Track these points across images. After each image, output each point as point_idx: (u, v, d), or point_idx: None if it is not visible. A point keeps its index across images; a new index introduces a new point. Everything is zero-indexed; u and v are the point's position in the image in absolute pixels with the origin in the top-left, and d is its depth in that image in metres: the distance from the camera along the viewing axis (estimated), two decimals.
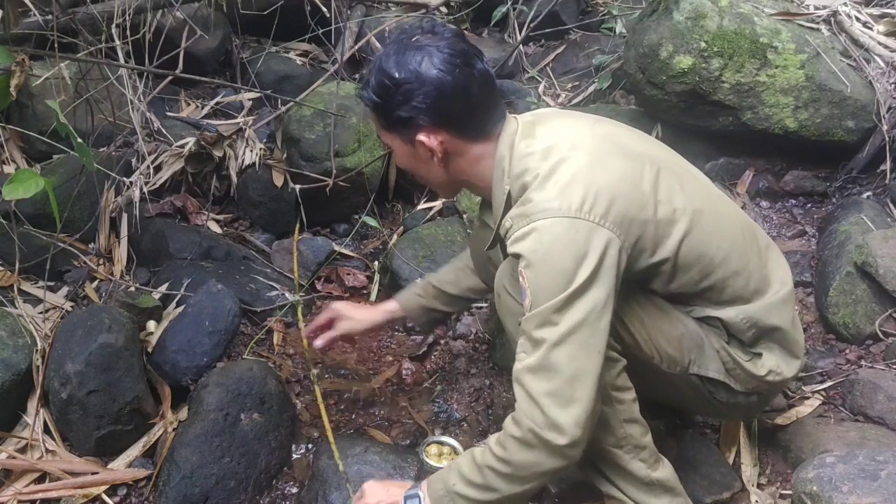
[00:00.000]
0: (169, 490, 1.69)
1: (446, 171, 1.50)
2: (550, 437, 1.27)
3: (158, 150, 2.59)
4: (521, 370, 1.32)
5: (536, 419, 1.28)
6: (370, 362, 2.23)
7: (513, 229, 1.34)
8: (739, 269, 1.45)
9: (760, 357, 1.51)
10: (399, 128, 1.45)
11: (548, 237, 1.29)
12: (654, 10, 2.70)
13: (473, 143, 1.45)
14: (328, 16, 3.08)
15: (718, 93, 2.53)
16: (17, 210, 2.00)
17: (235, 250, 2.51)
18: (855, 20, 2.72)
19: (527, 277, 1.30)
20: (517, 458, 1.31)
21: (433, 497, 1.39)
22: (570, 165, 1.34)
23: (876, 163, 2.57)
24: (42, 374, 1.83)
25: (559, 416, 1.26)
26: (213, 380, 1.87)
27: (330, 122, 2.59)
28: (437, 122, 1.41)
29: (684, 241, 1.39)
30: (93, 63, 2.35)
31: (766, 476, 1.74)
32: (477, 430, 1.95)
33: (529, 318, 1.30)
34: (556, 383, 1.27)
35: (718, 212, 1.48)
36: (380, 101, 1.44)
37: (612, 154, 1.39)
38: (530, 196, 1.34)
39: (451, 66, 1.37)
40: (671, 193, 1.40)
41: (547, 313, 1.28)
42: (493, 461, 1.33)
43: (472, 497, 1.36)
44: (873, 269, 2.05)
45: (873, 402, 1.82)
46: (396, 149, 1.52)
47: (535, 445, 1.29)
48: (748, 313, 1.47)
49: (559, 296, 1.27)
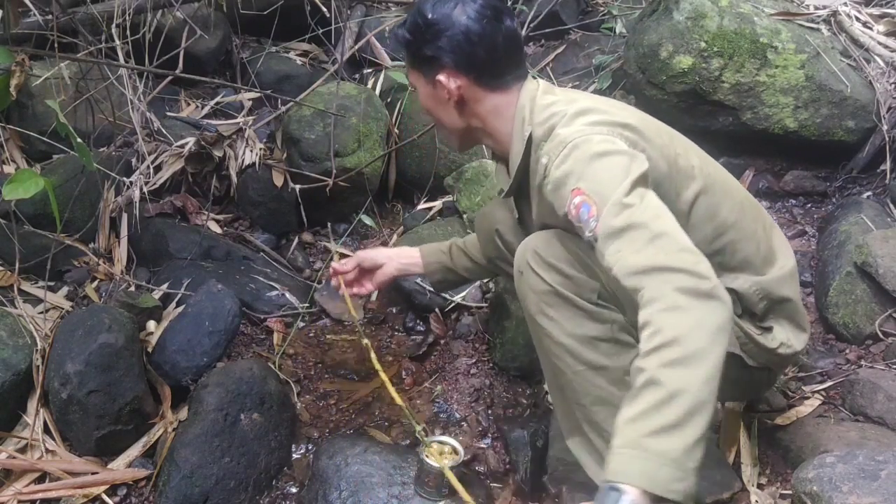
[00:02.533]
0: (169, 490, 1.69)
1: (461, 117, 1.54)
2: (702, 284, 1.09)
3: (158, 150, 2.59)
4: (631, 264, 1.16)
5: (670, 279, 1.11)
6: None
7: (552, 159, 1.35)
8: (749, 234, 1.50)
9: (771, 331, 1.54)
10: (423, 66, 1.52)
11: (591, 145, 1.31)
12: (654, 10, 2.70)
13: (492, 93, 1.49)
14: (328, 16, 3.08)
15: (718, 93, 2.53)
16: (17, 210, 2.00)
17: (235, 250, 2.51)
18: (855, 20, 2.72)
19: (585, 189, 1.26)
20: (674, 328, 1.06)
21: (647, 472, 1.02)
22: (597, 112, 1.40)
23: (876, 163, 2.57)
24: (42, 374, 1.84)
25: (687, 263, 1.12)
26: (213, 380, 1.87)
27: (330, 122, 2.59)
28: (459, 65, 1.46)
29: (699, 198, 1.44)
30: (93, 63, 2.35)
31: (766, 476, 1.74)
32: (477, 430, 1.95)
33: (606, 216, 1.21)
34: (669, 243, 1.16)
35: (727, 181, 1.55)
36: (410, 38, 1.51)
37: (632, 113, 1.48)
38: (559, 132, 1.37)
39: (480, 16, 1.44)
40: (687, 152, 1.48)
41: (618, 201, 1.21)
42: (653, 359, 1.06)
43: (663, 424, 1.03)
44: (873, 269, 2.05)
45: (873, 402, 1.82)
46: (420, 88, 1.58)
47: (683, 305, 1.08)
48: (760, 285, 1.50)
49: (623, 183, 1.23)
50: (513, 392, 2.08)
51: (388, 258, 1.93)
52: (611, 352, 1.39)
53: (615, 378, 1.39)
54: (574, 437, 1.51)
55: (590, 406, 1.41)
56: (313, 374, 2.16)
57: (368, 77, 3.06)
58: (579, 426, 1.47)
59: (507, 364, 2.10)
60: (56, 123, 1.70)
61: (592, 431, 1.44)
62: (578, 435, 1.49)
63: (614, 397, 1.38)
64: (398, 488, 1.65)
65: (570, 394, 1.44)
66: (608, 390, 1.39)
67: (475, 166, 2.64)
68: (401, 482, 1.67)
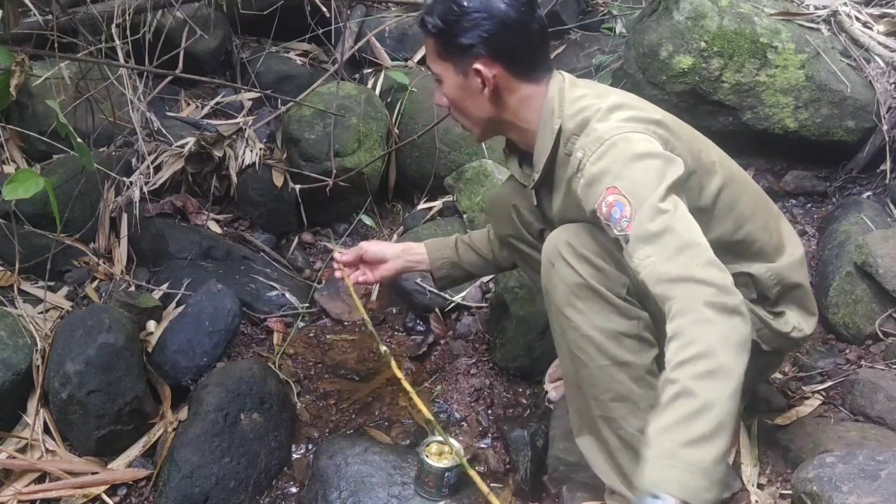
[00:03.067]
0: (169, 490, 1.69)
1: (493, 107, 1.51)
2: (729, 300, 1.15)
3: (158, 150, 2.59)
4: (660, 269, 1.19)
5: (700, 292, 1.15)
6: (370, 362, 2.23)
7: (587, 155, 1.35)
8: (763, 225, 1.54)
9: (783, 315, 1.57)
10: (456, 56, 1.47)
11: (631, 145, 1.32)
12: (654, 10, 2.70)
13: (524, 83, 1.48)
14: (328, 16, 3.07)
15: (718, 93, 2.53)
16: (17, 210, 2.00)
17: (235, 250, 2.51)
18: (855, 20, 2.72)
19: (621, 188, 1.27)
20: (704, 341, 1.10)
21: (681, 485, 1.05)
22: (629, 107, 1.42)
23: (876, 163, 2.57)
24: (42, 374, 1.84)
25: (716, 278, 1.17)
26: (213, 380, 1.87)
27: (330, 122, 2.59)
28: (495, 54, 1.44)
29: (722, 192, 1.47)
30: (93, 63, 2.35)
31: (766, 476, 1.74)
32: (477, 430, 1.95)
33: (640, 220, 1.24)
34: (698, 254, 1.20)
35: (742, 175, 1.60)
36: (443, 27, 1.45)
37: (658, 109, 1.51)
38: (595, 126, 1.38)
39: (517, 4, 1.43)
40: (709, 147, 1.52)
41: (654, 205, 1.23)
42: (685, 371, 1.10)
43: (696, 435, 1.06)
44: (873, 269, 2.05)
45: (873, 402, 1.82)
46: (447, 79, 1.52)
47: (712, 319, 1.12)
48: (775, 270, 1.53)
49: (659, 187, 1.25)
50: (513, 392, 2.08)
51: (395, 255, 1.89)
52: (635, 348, 1.39)
53: (637, 375, 1.39)
54: (584, 436, 1.50)
55: (609, 402, 1.41)
56: (313, 374, 2.15)
57: (368, 77, 3.05)
58: (593, 423, 1.46)
59: (507, 364, 2.10)
60: (56, 123, 1.70)
61: (607, 428, 1.43)
62: (589, 433, 1.49)
63: (634, 394, 1.39)
64: (398, 488, 1.66)
65: (588, 388, 1.43)
66: (629, 387, 1.39)
67: (475, 166, 2.64)
68: (401, 482, 1.67)
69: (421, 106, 2.82)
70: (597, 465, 1.50)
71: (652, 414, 1.13)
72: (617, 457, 1.45)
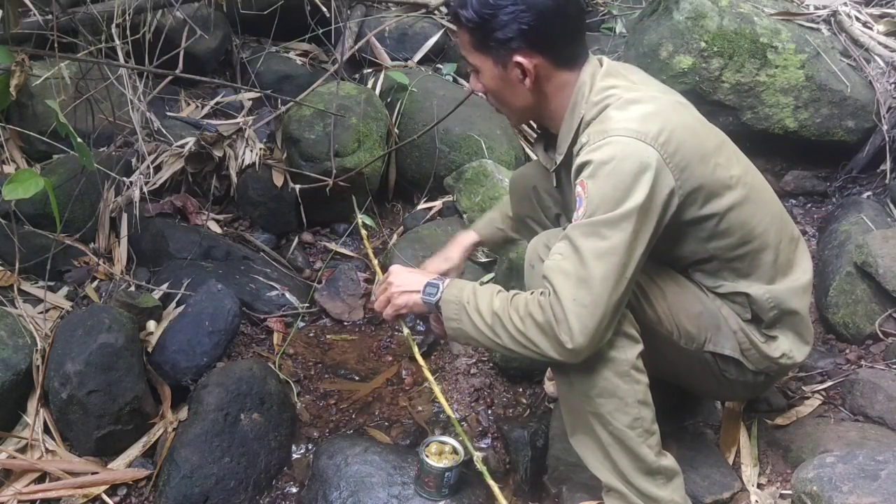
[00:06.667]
0: (169, 490, 1.69)
1: (532, 96, 1.50)
2: (563, 337, 1.32)
3: (158, 150, 2.59)
4: (554, 269, 1.34)
5: (558, 316, 1.32)
6: (370, 362, 2.23)
7: (589, 142, 1.37)
8: (771, 245, 1.52)
9: (776, 340, 1.56)
10: (494, 49, 1.45)
11: (622, 152, 1.32)
12: (654, 10, 2.70)
13: (562, 71, 1.47)
14: (328, 16, 3.08)
15: (718, 93, 2.54)
16: (17, 210, 2.00)
17: (235, 250, 2.51)
18: (855, 20, 2.72)
19: (587, 187, 1.33)
20: (529, 335, 1.36)
21: (447, 297, 1.47)
22: (653, 102, 1.41)
23: (876, 163, 2.57)
24: (42, 374, 1.84)
25: (577, 324, 1.30)
26: (213, 380, 1.87)
27: (330, 122, 2.59)
28: (535, 44, 1.42)
29: (734, 209, 1.45)
30: (93, 63, 2.35)
31: (766, 476, 1.74)
32: (477, 430, 1.95)
33: (579, 226, 1.34)
34: (585, 295, 1.30)
35: (765, 191, 1.57)
36: (480, 21, 1.43)
37: (686, 111, 1.50)
38: (610, 114, 1.38)
39: None
40: (730, 161, 1.48)
41: (598, 225, 1.31)
42: (508, 322, 1.38)
43: (475, 325, 1.42)
44: (873, 269, 2.05)
45: (873, 402, 1.82)
46: (486, 71, 1.50)
47: (548, 335, 1.34)
48: (774, 294, 1.52)
49: (615, 210, 1.30)
50: (513, 392, 2.08)
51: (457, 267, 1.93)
52: (618, 344, 1.40)
53: (621, 371, 1.39)
54: (577, 435, 1.51)
55: (595, 398, 1.42)
56: (313, 374, 2.15)
57: (368, 77, 3.06)
58: (585, 420, 1.47)
59: (507, 364, 2.10)
60: (56, 123, 1.70)
61: (598, 424, 1.44)
62: (582, 432, 1.49)
63: (620, 390, 1.40)
64: (398, 488, 1.65)
65: (578, 385, 1.45)
66: (614, 382, 1.40)
67: (475, 166, 2.64)
68: (401, 482, 1.67)
69: (421, 106, 2.83)
70: (591, 463, 1.51)
71: (493, 293, 1.42)
72: (610, 453, 1.46)
